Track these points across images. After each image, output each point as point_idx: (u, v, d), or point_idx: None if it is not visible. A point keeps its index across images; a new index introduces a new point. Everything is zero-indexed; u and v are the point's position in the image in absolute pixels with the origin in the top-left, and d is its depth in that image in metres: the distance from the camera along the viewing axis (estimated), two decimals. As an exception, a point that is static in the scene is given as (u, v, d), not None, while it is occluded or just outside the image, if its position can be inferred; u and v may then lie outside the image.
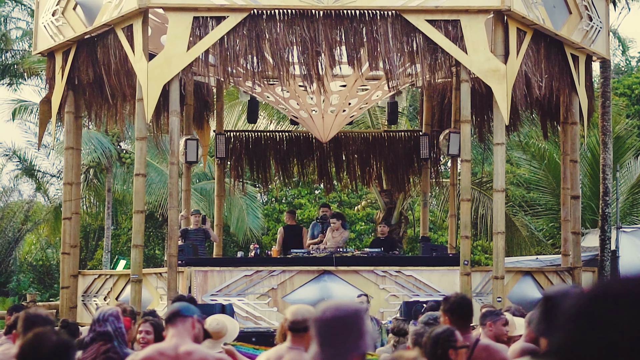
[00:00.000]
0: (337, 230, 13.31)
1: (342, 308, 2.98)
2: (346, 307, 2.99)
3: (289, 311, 4.40)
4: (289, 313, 4.38)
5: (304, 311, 4.35)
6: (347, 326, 2.93)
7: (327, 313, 2.96)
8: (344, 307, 2.99)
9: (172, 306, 4.51)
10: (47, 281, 26.93)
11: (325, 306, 3.00)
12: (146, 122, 11.44)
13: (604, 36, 12.77)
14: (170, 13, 11.23)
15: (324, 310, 2.97)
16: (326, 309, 2.97)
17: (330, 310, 2.97)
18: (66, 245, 12.68)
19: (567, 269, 12.63)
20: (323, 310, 2.98)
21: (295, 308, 4.42)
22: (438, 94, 15.21)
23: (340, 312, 2.96)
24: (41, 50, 12.71)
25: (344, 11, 11.10)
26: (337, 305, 2.99)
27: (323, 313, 2.97)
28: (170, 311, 4.42)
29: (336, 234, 13.30)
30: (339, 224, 13.31)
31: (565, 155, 13.14)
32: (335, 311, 2.96)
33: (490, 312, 5.87)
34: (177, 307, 4.39)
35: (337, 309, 2.97)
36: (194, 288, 11.45)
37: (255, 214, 24.19)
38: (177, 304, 4.50)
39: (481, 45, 11.15)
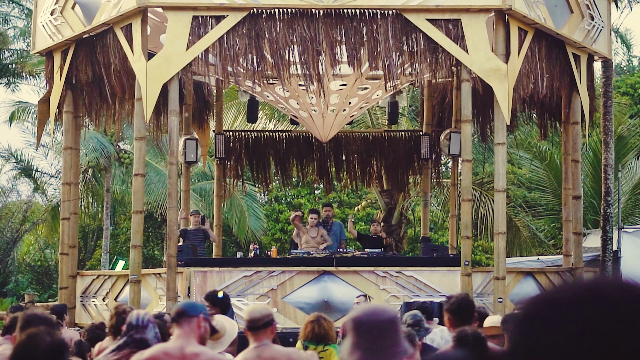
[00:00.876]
0: (312, 227, 13.32)
1: (381, 313, 2.96)
2: (386, 312, 2.97)
3: (245, 312, 4.63)
4: (245, 313, 4.64)
5: (260, 309, 4.66)
6: (391, 331, 2.90)
7: (368, 316, 2.93)
8: (384, 312, 2.97)
9: (178, 305, 4.46)
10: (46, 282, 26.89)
11: (364, 309, 2.98)
12: (145, 122, 11.39)
13: (605, 35, 12.71)
14: (169, 12, 11.18)
15: (364, 314, 2.94)
16: (366, 312, 2.95)
17: (371, 314, 2.94)
18: (64, 246, 12.63)
19: (569, 269, 12.58)
20: (364, 313, 2.95)
21: (251, 308, 4.69)
22: (439, 94, 15.16)
23: (380, 317, 2.93)
24: (39, 50, 12.66)
25: (344, 10, 11.05)
26: (377, 310, 2.97)
27: (364, 316, 2.93)
28: (176, 310, 4.37)
29: (313, 232, 13.27)
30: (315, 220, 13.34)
31: (566, 155, 13.08)
32: (375, 315, 2.93)
33: (510, 317, 5.80)
34: (183, 307, 4.34)
35: (376, 313, 2.95)
36: (193, 289, 11.39)
37: (256, 214, 24.13)
38: (183, 303, 4.44)
39: (482, 45, 11.10)
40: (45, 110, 12.71)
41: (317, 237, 13.24)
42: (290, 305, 11.47)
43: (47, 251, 28.17)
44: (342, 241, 13.90)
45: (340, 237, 13.85)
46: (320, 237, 13.22)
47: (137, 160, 11.46)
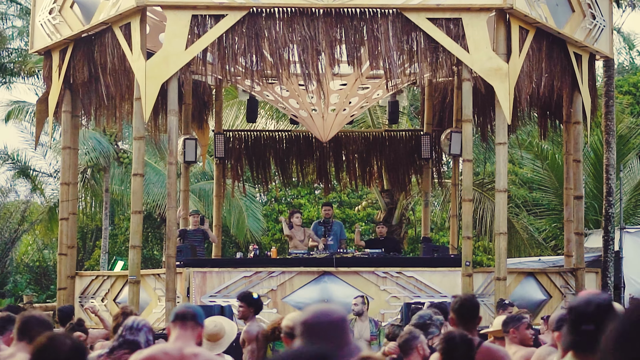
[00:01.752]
0: (298, 229, 13.28)
1: (329, 313, 2.97)
2: (333, 313, 2.98)
3: (287, 318, 4.42)
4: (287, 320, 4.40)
5: None
6: (334, 331, 2.92)
7: (315, 317, 2.94)
8: (331, 313, 2.98)
9: (189, 307, 4.43)
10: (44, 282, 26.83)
11: (313, 310, 2.99)
12: (144, 122, 11.33)
13: (607, 34, 12.65)
14: (168, 11, 11.14)
15: (312, 315, 2.95)
16: (314, 313, 2.96)
17: (319, 315, 2.95)
18: (63, 246, 12.57)
19: (570, 270, 12.51)
20: (311, 314, 2.96)
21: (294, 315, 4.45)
22: (439, 93, 15.10)
23: (327, 317, 2.95)
24: (38, 49, 12.61)
25: (344, 9, 11.00)
26: (323, 310, 2.98)
27: (311, 317, 2.95)
28: (186, 311, 4.33)
29: (300, 234, 13.23)
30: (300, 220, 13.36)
31: (568, 154, 13.02)
32: (323, 316, 2.95)
33: (511, 319, 5.74)
34: (195, 311, 4.32)
35: (324, 314, 2.96)
36: (193, 289, 11.35)
37: (255, 215, 24.05)
38: (193, 307, 4.39)
39: (483, 44, 11.05)
40: (43, 109, 12.65)
41: (305, 238, 13.18)
42: (290, 306, 11.42)
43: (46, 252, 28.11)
44: (342, 241, 13.85)
45: (341, 237, 13.79)
46: (307, 238, 13.16)
47: (136, 160, 11.41)
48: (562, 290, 12.19)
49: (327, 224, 13.72)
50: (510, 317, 5.83)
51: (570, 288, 12.22)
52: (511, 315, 5.98)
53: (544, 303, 12.10)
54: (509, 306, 9.33)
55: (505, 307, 9.28)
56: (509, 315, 5.97)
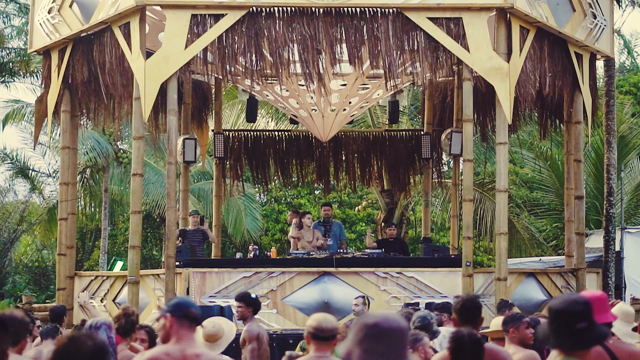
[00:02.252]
0: (307, 230, 13.22)
1: (395, 321, 2.97)
2: (399, 322, 2.99)
3: (313, 318, 4.48)
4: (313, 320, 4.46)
5: (330, 320, 4.50)
6: (396, 340, 2.92)
7: (381, 321, 2.95)
8: (398, 321, 2.98)
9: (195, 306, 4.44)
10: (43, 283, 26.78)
11: (378, 315, 3.00)
12: (144, 121, 11.30)
13: (608, 34, 12.61)
14: (167, 10, 11.11)
15: (378, 318, 2.96)
16: (380, 317, 2.97)
17: (384, 320, 2.96)
18: (62, 246, 12.53)
19: (571, 270, 12.47)
20: (378, 317, 2.96)
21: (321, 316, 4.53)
22: (440, 93, 15.07)
23: (393, 324, 2.95)
24: (37, 49, 12.57)
25: (344, 8, 10.97)
26: (391, 317, 2.99)
27: (377, 320, 2.95)
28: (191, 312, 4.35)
29: (309, 235, 13.18)
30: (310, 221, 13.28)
31: (569, 154, 12.98)
32: (388, 322, 2.95)
33: (511, 318, 5.70)
34: (200, 312, 4.38)
35: (390, 320, 2.96)
36: (192, 289, 11.31)
37: (253, 215, 23.99)
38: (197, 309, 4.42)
39: (483, 43, 11.02)
40: (42, 109, 12.62)
41: (313, 240, 13.14)
42: (290, 307, 11.39)
43: (45, 252, 28.05)
44: (342, 241, 13.81)
45: (340, 237, 13.75)
46: (316, 240, 13.11)
47: (136, 160, 11.38)
48: (562, 291, 12.14)
49: (326, 224, 13.68)
50: (510, 317, 5.77)
51: (571, 288, 12.17)
52: (511, 315, 5.92)
53: (544, 303, 12.04)
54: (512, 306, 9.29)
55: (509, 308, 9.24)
56: (509, 315, 5.91)
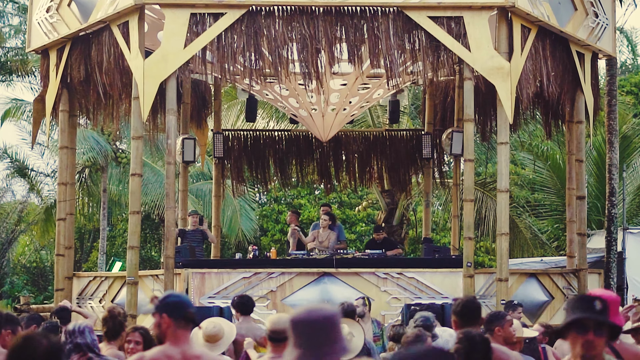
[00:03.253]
0: (324, 229, 13.19)
1: (318, 312, 3.01)
2: (323, 311, 3.02)
3: (270, 320, 4.49)
4: (270, 322, 4.47)
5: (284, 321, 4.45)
6: (323, 330, 2.97)
7: (305, 316, 3.00)
8: (321, 311, 3.02)
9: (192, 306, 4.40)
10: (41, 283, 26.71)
11: (303, 309, 3.04)
12: (142, 121, 11.23)
13: (610, 33, 12.54)
14: (166, 9, 11.05)
15: (302, 313, 3.01)
16: (304, 312, 3.02)
17: (308, 313, 3.00)
18: (60, 247, 12.47)
19: (573, 270, 12.41)
20: (301, 312, 3.02)
21: (276, 317, 4.55)
22: (440, 92, 15.01)
23: (317, 316, 2.99)
24: (35, 48, 12.51)
25: (344, 7, 10.91)
26: (314, 309, 3.03)
27: (301, 315, 3.01)
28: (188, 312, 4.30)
29: (324, 235, 13.14)
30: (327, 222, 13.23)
31: (570, 154, 12.92)
32: (312, 314, 3.00)
33: (495, 317, 5.63)
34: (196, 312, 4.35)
35: (313, 312, 3.01)
36: (191, 290, 11.25)
37: (248, 215, 23.92)
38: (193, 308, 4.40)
39: (485, 43, 10.96)
40: (40, 108, 12.56)
41: (326, 240, 13.09)
42: (290, 308, 11.32)
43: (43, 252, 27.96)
44: (341, 242, 13.74)
45: (339, 238, 13.68)
46: (327, 241, 13.07)
47: (134, 160, 11.32)
48: (564, 292, 12.09)
49: None
50: (494, 315, 5.70)
51: (572, 289, 12.11)
52: (494, 313, 5.84)
53: (546, 304, 12.00)
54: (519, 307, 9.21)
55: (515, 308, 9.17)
56: (492, 313, 5.83)
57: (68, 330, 5.00)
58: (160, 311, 4.19)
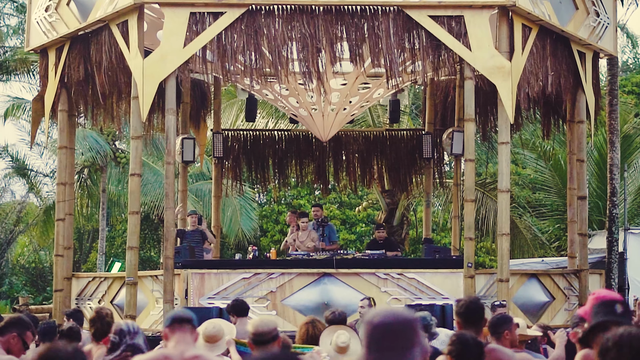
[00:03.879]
0: (304, 230, 13.11)
1: (396, 315, 2.89)
2: (401, 315, 2.91)
3: (251, 324, 4.48)
4: (251, 326, 4.45)
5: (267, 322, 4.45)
6: (399, 334, 2.85)
7: (380, 318, 2.88)
8: (399, 315, 2.90)
9: (183, 311, 4.45)
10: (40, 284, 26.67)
11: (379, 312, 2.93)
12: (142, 121, 11.18)
13: (611, 32, 12.50)
14: (166, 8, 11.00)
15: (377, 315, 2.90)
16: (380, 315, 2.90)
17: (384, 316, 2.89)
18: (59, 247, 12.42)
19: (574, 271, 12.36)
20: (377, 315, 2.90)
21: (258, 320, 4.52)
22: (441, 92, 14.96)
23: (393, 319, 2.88)
24: (34, 47, 12.46)
25: (344, 6, 10.87)
26: (392, 313, 2.92)
27: (376, 318, 2.89)
28: (183, 315, 4.35)
29: (303, 235, 13.06)
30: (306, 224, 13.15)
31: (571, 154, 12.87)
32: (388, 317, 2.88)
33: (503, 320, 5.56)
34: (190, 315, 4.36)
35: (390, 316, 2.89)
36: (191, 291, 11.20)
37: (249, 215, 23.85)
38: (187, 311, 4.44)
39: (485, 42, 10.91)
40: (39, 108, 12.51)
41: (307, 240, 12.96)
42: (289, 308, 11.28)
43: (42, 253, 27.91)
44: (333, 242, 13.65)
45: (331, 239, 13.59)
46: (310, 241, 12.94)
47: (134, 160, 11.28)
48: (565, 292, 12.04)
49: (324, 223, 13.55)
50: (501, 319, 5.64)
51: (573, 290, 12.06)
52: (500, 316, 5.78)
53: (547, 305, 11.95)
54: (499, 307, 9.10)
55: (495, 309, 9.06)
56: (498, 317, 5.77)
57: (119, 330, 4.91)
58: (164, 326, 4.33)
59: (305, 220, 13.28)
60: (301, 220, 13.31)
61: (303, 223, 13.20)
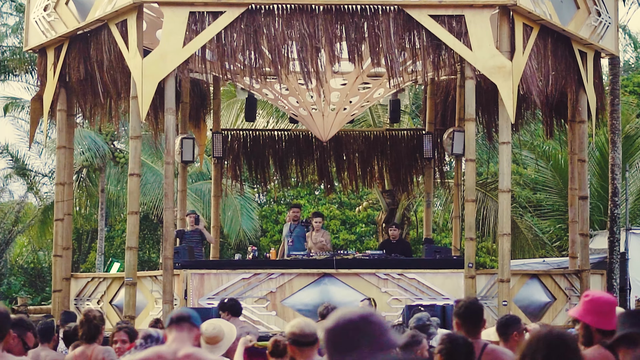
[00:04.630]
0: (318, 231, 13.00)
1: (345, 316, 2.71)
2: (350, 314, 2.72)
3: (293, 324, 4.36)
4: (293, 326, 4.33)
5: (310, 325, 4.32)
6: (356, 335, 2.67)
7: (333, 322, 2.72)
8: (348, 315, 2.72)
9: (184, 310, 4.41)
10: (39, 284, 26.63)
11: (333, 315, 2.76)
12: (141, 121, 11.14)
13: (612, 32, 12.45)
14: (165, 8, 10.98)
15: (332, 320, 2.73)
16: (333, 318, 2.73)
17: (336, 319, 2.72)
18: (58, 248, 12.38)
19: (575, 271, 12.31)
20: (331, 319, 2.74)
21: (300, 321, 4.41)
22: (442, 92, 14.92)
23: (344, 321, 2.70)
24: (32, 47, 12.42)
25: (344, 6, 10.84)
26: (342, 314, 2.73)
27: (331, 322, 2.73)
28: (181, 314, 4.32)
29: (317, 235, 12.96)
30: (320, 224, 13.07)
31: (573, 154, 12.83)
32: (339, 320, 2.71)
33: (512, 321, 5.50)
34: (189, 313, 4.32)
35: (340, 317, 2.72)
36: (190, 291, 11.16)
37: (249, 215, 23.80)
38: (188, 310, 4.42)
39: (486, 41, 10.87)
40: (38, 108, 12.47)
41: (319, 241, 12.90)
42: (289, 309, 11.24)
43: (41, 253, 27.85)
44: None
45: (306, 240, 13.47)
46: (321, 243, 12.88)
47: (133, 160, 11.25)
48: (566, 293, 12.00)
49: (307, 225, 13.39)
50: (510, 319, 5.59)
51: (575, 290, 12.01)
52: (509, 317, 5.73)
53: (548, 305, 11.91)
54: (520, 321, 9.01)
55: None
56: (507, 317, 5.71)
57: (148, 335, 4.90)
58: None
59: (319, 220, 13.17)
60: (315, 220, 13.17)
61: (317, 223, 13.08)
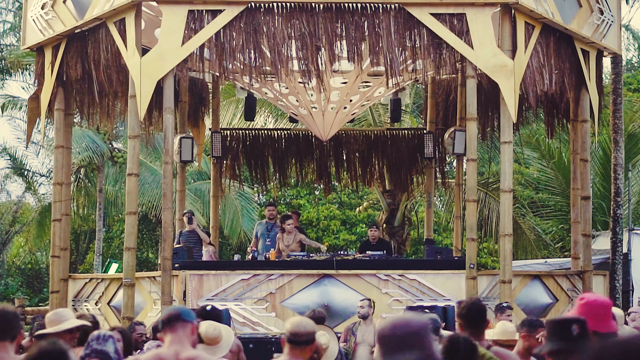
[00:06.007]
0: (289, 233, 12.65)
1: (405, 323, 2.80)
2: (409, 322, 2.81)
3: (291, 322, 4.36)
4: (291, 324, 4.33)
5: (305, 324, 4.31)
6: (409, 342, 2.74)
7: (391, 327, 2.80)
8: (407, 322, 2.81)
9: (171, 310, 4.34)
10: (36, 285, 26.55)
11: (391, 320, 2.84)
12: (139, 120, 11.06)
13: (615, 30, 12.37)
14: (164, 6, 10.92)
15: (389, 324, 2.81)
16: (391, 323, 2.81)
17: (394, 325, 2.80)
18: (56, 248, 12.30)
19: (577, 272, 12.23)
20: (388, 324, 2.82)
21: (298, 320, 4.41)
22: (443, 91, 14.85)
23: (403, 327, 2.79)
24: (30, 45, 12.35)
25: (344, 4, 10.78)
26: (401, 320, 2.83)
27: (388, 327, 2.80)
28: (169, 315, 4.25)
29: (289, 238, 12.64)
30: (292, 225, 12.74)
31: (575, 154, 12.76)
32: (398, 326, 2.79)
33: (539, 323, 5.41)
34: (177, 311, 4.27)
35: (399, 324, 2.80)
36: (189, 292, 11.09)
37: (250, 215, 23.70)
38: (175, 308, 4.43)
39: (488, 40, 10.79)
40: (35, 107, 12.40)
41: (292, 244, 12.58)
42: (289, 310, 11.16)
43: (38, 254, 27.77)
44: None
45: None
46: (295, 244, 12.57)
47: (131, 160, 11.20)
48: (569, 294, 11.92)
49: (273, 225, 13.17)
50: (538, 321, 5.50)
51: (577, 291, 11.93)
52: (536, 318, 5.66)
53: (550, 306, 11.83)
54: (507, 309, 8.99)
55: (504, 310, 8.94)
56: (531, 319, 5.63)
57: (92, 336, 4.84)
58: None
59: (290, 222, 12.68)
60: (286, 223, 12.66)
61: (289, 226, 12.62)
